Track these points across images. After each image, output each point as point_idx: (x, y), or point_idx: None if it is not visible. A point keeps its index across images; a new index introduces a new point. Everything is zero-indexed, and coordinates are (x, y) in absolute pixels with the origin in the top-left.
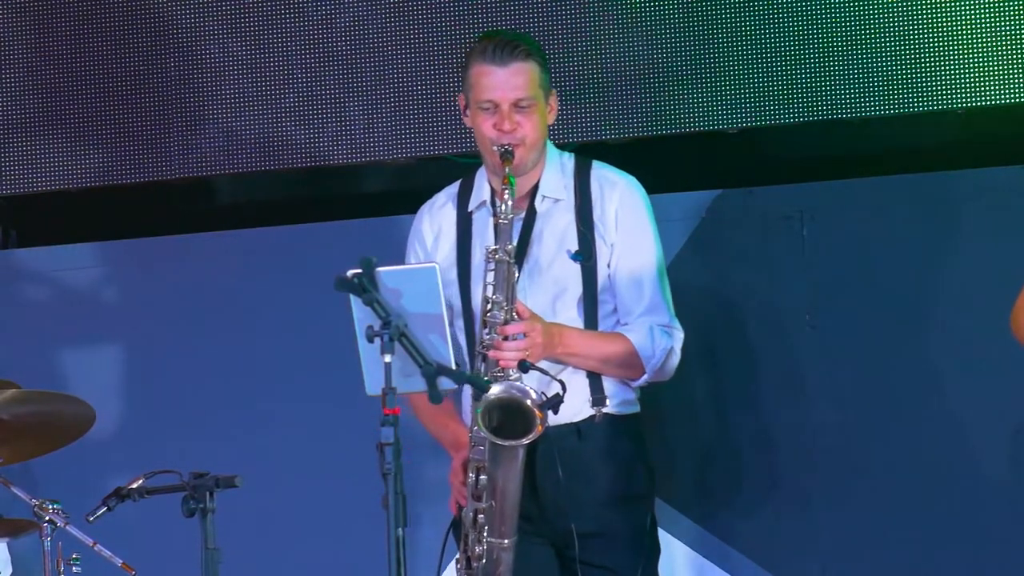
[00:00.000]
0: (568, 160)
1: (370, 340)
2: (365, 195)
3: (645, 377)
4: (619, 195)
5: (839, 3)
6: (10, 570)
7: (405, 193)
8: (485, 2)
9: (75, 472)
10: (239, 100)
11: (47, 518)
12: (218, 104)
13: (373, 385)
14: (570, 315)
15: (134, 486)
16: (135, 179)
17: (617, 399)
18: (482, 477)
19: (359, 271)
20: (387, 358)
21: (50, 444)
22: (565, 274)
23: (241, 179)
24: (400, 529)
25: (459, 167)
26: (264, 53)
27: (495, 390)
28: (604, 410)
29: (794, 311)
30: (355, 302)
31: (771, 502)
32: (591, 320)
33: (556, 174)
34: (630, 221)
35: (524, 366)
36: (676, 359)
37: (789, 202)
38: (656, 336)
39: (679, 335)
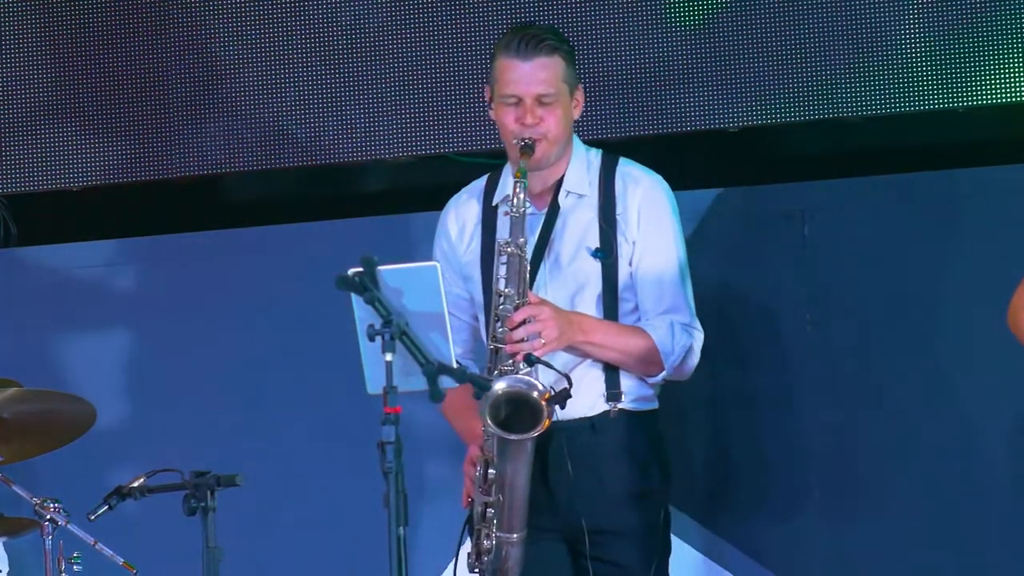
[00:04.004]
0: (595, 156)
1: (371, 339)
2: (366, 193)
3: (663, 374)
4: (642, 192)
5: (840, 2)
6: (6, 569)
7: (406, 191)
8: (485, 1)
9: (76, 471)
10: (242, 98)
11: (48, 517)
12: (221, 102)
13: (374, 384)
14: (589, 312)
15: (135, 485)
16: (138, 177)
17: (633, 395)
18: (491, 471)
19: (360, 270)
20: (388, 357)
21: (51, 442)
22: (586, 271)
23: (243, 177)
24: (401, 528)
25: (460, 165)
26: (266, 51)
27: (501, 384)
28: (619, 405)
29: (795, 310)
30: (356, 301)
31: (772, 501)
32: (611, 317)
33: (581, 170)
34: (652, 219)
35: (530, 360)
36: (695, 358)
37: (790, 201)
38: (676, 333)
39: (699, 335)
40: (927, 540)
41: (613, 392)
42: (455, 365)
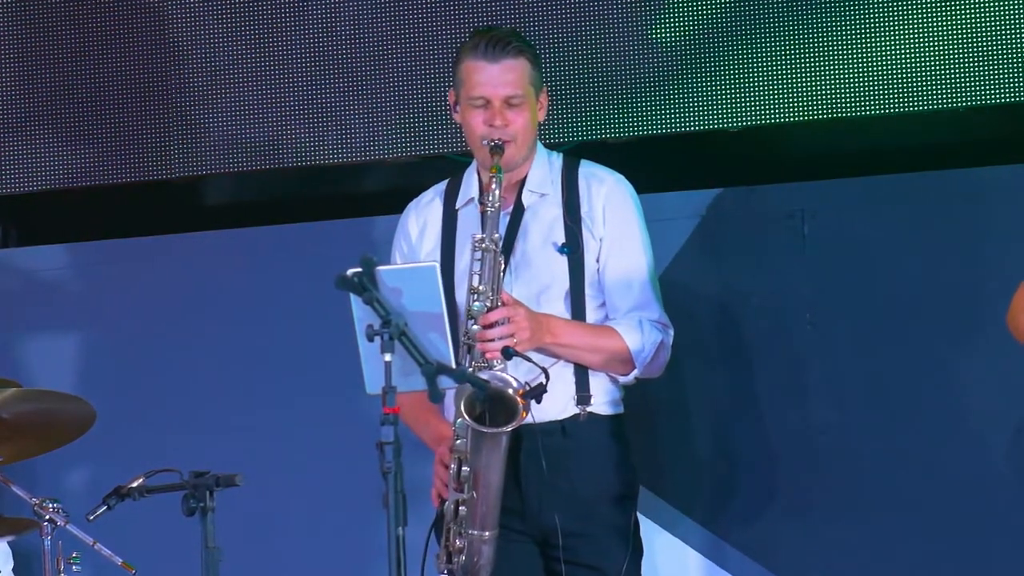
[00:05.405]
0: (556, 158)
1: (370, 339)
2: (365, 194)
3: (635, 372)
4: (607, 190)
5: (841, 2)
6: (11, 564)
7: (405, 192)
8: (484, 1)
9: (75, 471)
10: (239, 99)
11: (47, 517)
12: (218, 103)
13: (373, 384)
14: (557, 309)
15: (134, 485)
16: (136, 178)
17: (603, 399)
18: (464, 468)
19: (359, 270)
20: (387, 357)
21: (50, 443)
22: (552, 268)
23: (242, 178)
24: (400, 528)
25: (459, 166)
26: (264, 52)
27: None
28: (589, 409)
29: (795, 310)
30: (355, 301)
31: (773, 502)
32: (578, 315)
33: (544, 170)
34: (618, 216)
35: (508, 353)
36: (667, 355)
37: (790, 201)
38: (646, 330)
39: (670, 331)
40: (928, 540)
41: (583, 395)
42: (454, 365)
